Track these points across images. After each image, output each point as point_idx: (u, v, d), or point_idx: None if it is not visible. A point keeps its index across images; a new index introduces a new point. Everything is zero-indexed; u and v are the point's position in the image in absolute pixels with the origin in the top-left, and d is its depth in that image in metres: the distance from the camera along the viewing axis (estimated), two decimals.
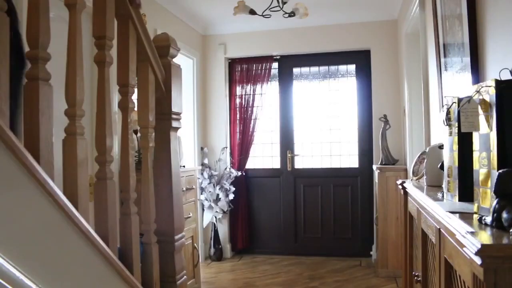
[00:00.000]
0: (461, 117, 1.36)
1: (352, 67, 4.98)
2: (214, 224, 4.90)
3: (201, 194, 4.75)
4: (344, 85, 5.01)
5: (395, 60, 4.66)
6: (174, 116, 1.82)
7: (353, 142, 4.96)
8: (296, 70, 5.14)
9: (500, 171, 1.08)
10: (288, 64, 5.13)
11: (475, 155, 1.27)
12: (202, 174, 4.77)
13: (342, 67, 5.02)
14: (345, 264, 4.61)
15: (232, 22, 4.78)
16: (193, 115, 4.85)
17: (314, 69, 5.10)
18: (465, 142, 1.45)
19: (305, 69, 5.13)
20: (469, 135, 1.37)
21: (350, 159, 4.99)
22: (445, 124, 1.61)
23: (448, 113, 1.59)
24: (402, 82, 4.31)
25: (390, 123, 4.35)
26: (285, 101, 5.14)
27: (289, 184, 5.10)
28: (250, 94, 5.08)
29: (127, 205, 1.52)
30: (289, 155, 5.09)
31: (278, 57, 5.09)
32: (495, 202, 1.07)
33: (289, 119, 5.10)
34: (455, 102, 1.52)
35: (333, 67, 5.05)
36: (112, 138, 1.42)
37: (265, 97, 5.08)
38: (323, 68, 5.07)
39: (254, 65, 5.07)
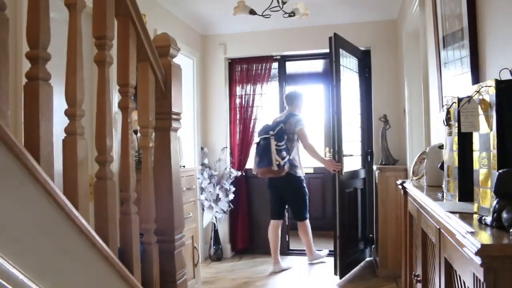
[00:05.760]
0: (461, 117, 1.36)
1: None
2: (214, 224, 4.90)
3: (201, 194, 4.75)
4: (353, 83, 4.98)
5: (395, 60, 4.66)
6: (174, 116, 1.81)
7: (354, 142, 4.94)
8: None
9: (500, 171, 1.08)
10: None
11: (475, 155, 1.27)
12: (202, 174, 4.77)
13: None
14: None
15: (232, 22, 4.78)
16: (193, 115, 4.85)
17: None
18: (465, 142, 1.46)
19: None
20: (469, 135, 1.37)
21: (350, 159, 4.98)
22: (445, 124, 1.61)
23: (448, 113, 1.59)
24: (402, 82, 4.30)
25: (390, 123, 4.35)
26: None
27: None
28: (250, 94, 5.08)
29: (127, 205, 1.52)
30: None
31: (278, 57, 5.09)
32: (495, 202, 1.07)
33: None
34: (455, 102, 1.52)
35: None
36: (112, 138, 1.42)
37: (265, 97, 5.09)
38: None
39: (254, 65, 5.08)
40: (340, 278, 4.07)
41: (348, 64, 4.53)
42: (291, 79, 5.62)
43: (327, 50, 4.22)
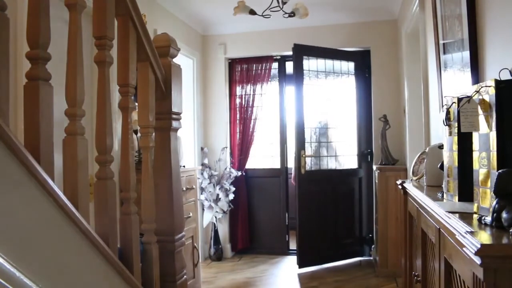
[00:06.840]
0: (461, 117, 1.36)
1: (352, 67, 4.97)
2: (214, 224, 4.91)
3: (201, 194, 4.76)
4: (344, 85, 5.01)
5: (395, 60, 4.66)
6: (174, 116, 1.82)
7: (353, 142, 4.95)
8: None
9: (500, 171, 1.08)
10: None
11: (475, 155, 1.27)
12: (202, 174, 4.77)
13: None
14: (345, 264, 4.61)
15: (232, 22, 4.78)
16: (193, 115, 4.85)
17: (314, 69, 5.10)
18: (465, 142, 1.46)
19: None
20: (469, 135, 1.37)
21: (350, 159, 4.99)
22: (445, 124, 1.61)
23: (448, 113, 1.59)
24: (402, 82, 4.31)
25: (390, 123, 4.35)
26: (285, 101, 5.14)
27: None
28: (250, 94, 5.08)
29: (127, 205, 1.52)
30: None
31: (278, 57, 5.09)
32: (495, 202, 1.07)
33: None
34: (454, 102, 1.52)
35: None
36: (112, 138, 1.42)
37: (265, 97, 5.09)
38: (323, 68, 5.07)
39: (254, 65, 5.08)
40: (299, 267, 4.42)
41: (331, 68, 4.58)
42: (291, 79, 5.61)
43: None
